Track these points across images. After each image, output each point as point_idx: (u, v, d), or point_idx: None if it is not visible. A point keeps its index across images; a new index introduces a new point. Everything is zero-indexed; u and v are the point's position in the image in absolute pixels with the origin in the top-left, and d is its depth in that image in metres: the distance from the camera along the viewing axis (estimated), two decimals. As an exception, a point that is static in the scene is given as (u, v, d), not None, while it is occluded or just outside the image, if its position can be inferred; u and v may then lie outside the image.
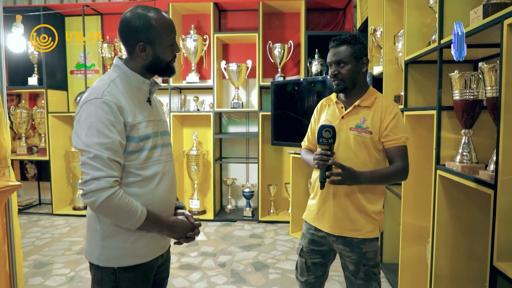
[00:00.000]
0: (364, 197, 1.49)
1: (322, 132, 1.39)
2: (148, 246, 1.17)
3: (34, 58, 4.31)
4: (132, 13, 1.12)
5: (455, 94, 1.62)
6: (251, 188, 4.17)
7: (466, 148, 1.62)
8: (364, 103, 1.51)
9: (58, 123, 4.37)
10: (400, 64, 2.45)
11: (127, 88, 1.13)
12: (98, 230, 1.13)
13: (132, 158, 1.11)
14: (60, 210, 4.38)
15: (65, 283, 2.62)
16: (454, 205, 1.78)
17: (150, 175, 1.14)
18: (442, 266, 1.84)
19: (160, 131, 1.21)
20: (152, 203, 1.14)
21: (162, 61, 1.17)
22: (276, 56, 4.07)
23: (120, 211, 1.04)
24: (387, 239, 2.81)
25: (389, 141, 1.46)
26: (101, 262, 1.13)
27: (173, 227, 1.18)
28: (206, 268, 2.88)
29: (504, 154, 1.22)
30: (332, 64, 1.51)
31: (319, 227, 1.57)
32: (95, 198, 1.01)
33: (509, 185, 1.22)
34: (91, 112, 1.04)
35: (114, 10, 4.36)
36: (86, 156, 1.02)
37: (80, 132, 1.04)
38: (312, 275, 1.63)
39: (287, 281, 2.65)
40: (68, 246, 3.34)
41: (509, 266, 1.21)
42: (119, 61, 1.18)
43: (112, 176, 1.03)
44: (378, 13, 3.01)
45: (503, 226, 1.23)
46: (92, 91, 1.08)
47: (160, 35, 1.13)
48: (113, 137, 1.04)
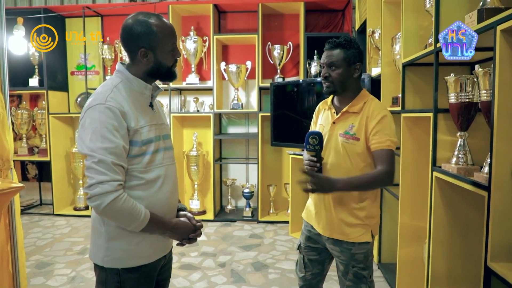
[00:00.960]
0: (353, 202, 1.50)
1: (309, 139, 1.43)
2: (152, 248, 1.20)
3: (35, 59, 4.34)
4: (134, 20, 1.15)
5: (451, 97, 1.64)
6: (250, 189, 4.20)
7: (462, 150, 1.65)
8: (353, 108, 1.51)
9: (59, 124, 4.39)
10: (397, 66, 2.47)
11: (129, 93, 1.16)
12: (103, 232, 1.16)
13: (135, 162, 1.14)
14: (61, 210, 4.41)
15: (67, 283, 2.65)
16: (450, 206, 1.81)
17: (153, 178, 1.17)
18: (439, 266, 1.86)
19: (162, 135, 1.24)
20: (155, 206, 1.16)
21: (164, 66, 1.19)
22: (276, 57, 4.10)
23: (124, 214, 1.07)
24: (385, 239, 2.84)
25: (373, 144, 1.44)
26: (105, 263, 1.16)
27: (176, 229, 1.21)
28: (206, 268, 2.91)
29: (498, 156, 1.24)
30: (324, 66, 1.53)
31: (314, 227, 1.61)
32: (100, 202, 1.04)
33: (502, 187, 1.25)
34: (95, 117, 1.07)
35: (114, 12, 4.38)
36: (90, 160, 1.05)
37: (84, 137, 1.07)
38: (309, 272, 1.67)
39: (286, 281, 2.68)
40: (69, 247, 3.36)
41: (503, 267, 1.23)
42: (122, 66, 1.21)
43: (116, 180, 1.06)
44: (376, 15, 3.04)
45: (497, 227, 1.26)
46: (95, 97, 1.11)
47: (161, 41, 1.16)
48: (117, 142, 1.07)
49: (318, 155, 1.44)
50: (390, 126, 1.46)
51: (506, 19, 1.21)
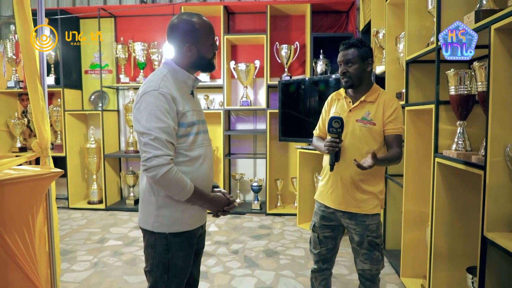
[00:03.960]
0: (365, 179, 1.72)
1: (332, 123, 1.63)
2: (194, 216, 1.38)
3: (51, 58, 4.51)
4: (179, 19, 1.33)
5: (451, 90, 1.82)
6: (259, 183, 4.37)
7: (461, 137, 1.82)
8: (369, 98, 1.75)
9: (73, 121, 4.56)
10: (401, 64, 2.65)
11: (176, 82, 1.34)
12: (153, 201, 1.33)
13: (182, 141, 1.31)
14: (76, 204, 4.59)
15: (90, 268, 2.82)
16: (451, 189, 1.99)
17: (196, 156, 1.35)
18: (441, 245, 2.04)
19: (201, 119, 1.42)
20: (197, 180, 1.34)
21: (205, 59, 1.38)
22: (283, 56, 4.28)
23: (174, 184, 1.25)
24: (389, 227, 3.01)
25: (389, 129, 1.71)
26: (155, 228, 1.33)
27: (214, 201, 1.39)
28: (220, 255, 3.08)
29: (492, 139, 1.42)
30: (341, 63, 1.76)
31: (328, 205, 1.80)
32: (156, 172, 1.21)
33: (496, 166, 1.43)
34: (150, 101, 1.24)
35: (127, 13, 4.56)
36: (147, 138, 1.22)
37: (140, 118, 1.25)
38: (324, 248, 1.85)
39: (297, 265, 2.85)
40: (88, 236, 3.53)
41: (497, 235, 1.41)
42: (169, 59, 1.39)
43: (169, 155, 1.23)
44: (380, 16, 3.22)
45: (491, 200, 1.44)
46: (149, 84, 1.29)
47: (203, 37, 1.34)
48: (169, 123, 1.25)
49: (340, 137, 1.66)
50: (401, 115, 1.74)
51: (499, 19, 1.39)
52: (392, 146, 1.70)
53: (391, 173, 2.87)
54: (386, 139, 1.72)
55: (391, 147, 1.70)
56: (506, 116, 1.42)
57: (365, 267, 1.72)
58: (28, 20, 1.97)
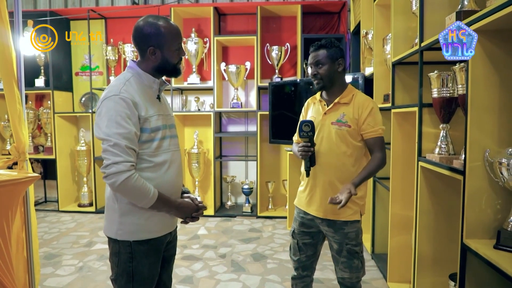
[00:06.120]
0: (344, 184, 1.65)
1: (302, 127, 1.60)
2: (160, 223, 1.34)
3: (41, 60, 4.48)
4: (145, 22, 1.30)
5: (434, 92, 1.79)
6: (250, 185, 4.34)
7: (444, 141, 1.79)
8: (343, 100, 1.69)
9: (64, 123, 4.53)
10: (388, 65, 2.61)
11: (140, 86, 1.31)
12: (116, 208, 1.30)
13: (145, 146, 1.28)
14: (66, 207, 4.55)
15: (75, 272, 2.78)
16: (435, 193, 1.95)
17: (161, 162, 1.31)
18: (425, 250, 2.00)
19: (168, 124, 1.39)
20: (162, 186, 1.30)
21: (170, 63, 1.34)
22: (274, 58, 4.24)
23: (136, 191, 1.21)
24: (378, 231, 2.97)
25: (367, 133, 1.64)
26: (119, 236, 1.30)
27: (181, 208, 1.35)
28: (207, 259, 3.04)
29: (471, 144, 1.38)
30: (312, 66, 1.72)
31: (307, 211, 1.75)
32: (115, 179, 1.18)
33: (475, 171, 1.39)
34: (110, 106, 1.21)
35: (117, 14, 4.53)
36: (107, 144, 1.19)
37: (101, 124, 1.22)
38: (303, 254, 1.80)
39: (284, 270, 2.81)
40: (76, 240, 3.49)
41: (477, 242, 1.37)
42: (133, 63, 1.36)
43: (129, 161, 1.20)
44: (369, 17, 3.18)
45: (470, 207, 1.40)
46: (110, 89, 1.26)
47: (168, 41, 1.31)
48: (130, 128, 1.21)
49: (311, 140, 1.61)
50: (379, 115, 1.67)
51: (479, 19, 1.36)
52: (373, 150, 1.65)
53: (379, 176, 2.84)
54: (366, 143, 1.67)
55: (372, 152, 1.66)
56: (486, 120, 1.38)
57: (345, 276, 1.68)
58: (4, 22, 1.92)
